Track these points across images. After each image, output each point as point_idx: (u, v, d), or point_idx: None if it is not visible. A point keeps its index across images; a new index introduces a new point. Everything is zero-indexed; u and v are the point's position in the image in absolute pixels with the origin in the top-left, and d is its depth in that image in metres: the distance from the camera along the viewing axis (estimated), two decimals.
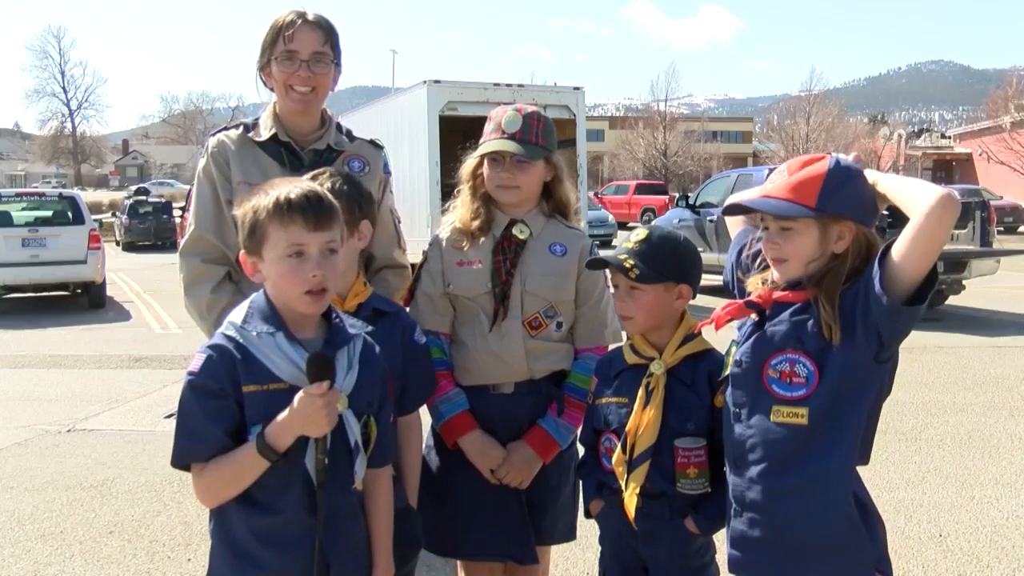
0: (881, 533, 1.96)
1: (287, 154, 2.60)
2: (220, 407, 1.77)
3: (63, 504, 4.71)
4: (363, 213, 2.33)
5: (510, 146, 2.48)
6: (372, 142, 2.78)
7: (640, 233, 2.32)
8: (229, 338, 1.81)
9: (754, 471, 1.95)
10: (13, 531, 4.41)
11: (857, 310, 1.84)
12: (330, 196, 1.89)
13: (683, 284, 2.27)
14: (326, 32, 2.57)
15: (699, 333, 2.30)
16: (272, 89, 2.61)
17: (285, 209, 1.78)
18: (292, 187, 1.84)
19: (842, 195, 1.89)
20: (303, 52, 2.52)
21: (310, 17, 2.56)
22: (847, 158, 1.96)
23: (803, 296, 1.93)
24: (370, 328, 2.01)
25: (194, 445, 1.78)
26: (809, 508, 1.89)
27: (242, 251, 1.86)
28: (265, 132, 2.61)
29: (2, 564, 4.03)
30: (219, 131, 2.72)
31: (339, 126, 2.72)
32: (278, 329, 1.81)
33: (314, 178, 2.23)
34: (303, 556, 1.81)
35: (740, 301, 2.05)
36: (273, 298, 1.85)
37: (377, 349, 2.00)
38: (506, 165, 2.50)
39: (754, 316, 2.02)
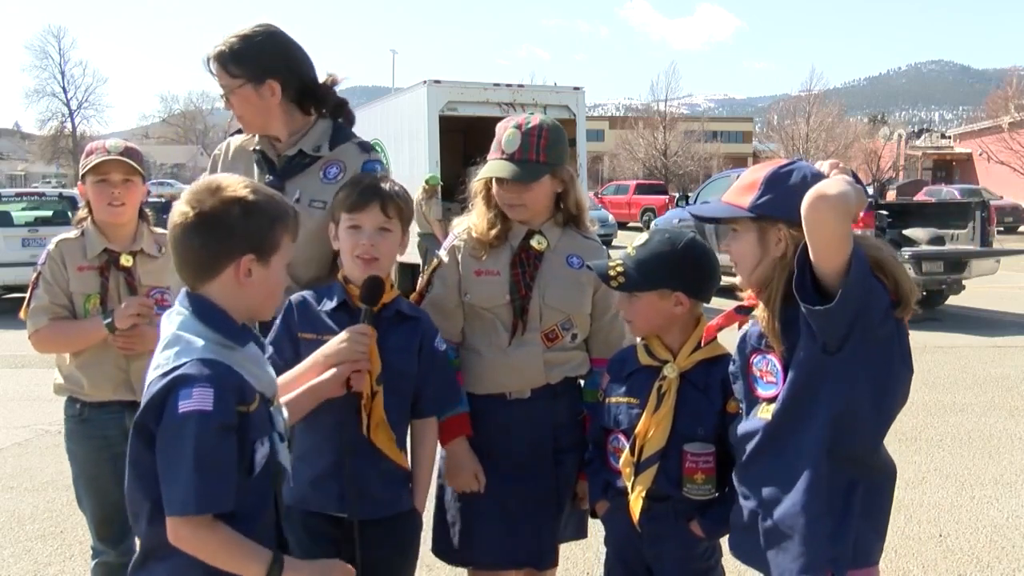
0: (859, 534, 1.92)
1: (263, 160, 2.66)
2: (235, 445, 1.66)
3: (63, 504, 4.70)
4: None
5: (507, 170, 2.44)
6: (360, 144, 2.69)
7: (641, 238, 2.32)
8: (214, 363, 1.66)
9: (740, 462, 2.03)
10: (13, 531, 4.42)
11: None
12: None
13: (679, 291, 2.24)
14: (222, 66, 2.54)
15: (714, 338, 2.28)
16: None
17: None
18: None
19: (775, 197, 1.91)
20: (221, 89, 2.57)
21: (212, 66, 2.55)
22: (818, 165, 1.93)
23: None
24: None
25: (224, 489, 1.62)
26: (773, 495, 1.92)
27: (250, 254, 1.74)
28: (253, 140, 2.71)
29: (2, 564, 4.03)
30: (234, 133, 2.82)
31: (336, 129, 2.66)
32: (248, 341, 1.78)
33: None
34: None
35: (731, 309, 2.08)
36: (237, 306, 1.76)
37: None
38: (508, 185, 2.48)
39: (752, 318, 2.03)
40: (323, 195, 2.53)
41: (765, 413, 1.94)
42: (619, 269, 2.26)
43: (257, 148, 2.66)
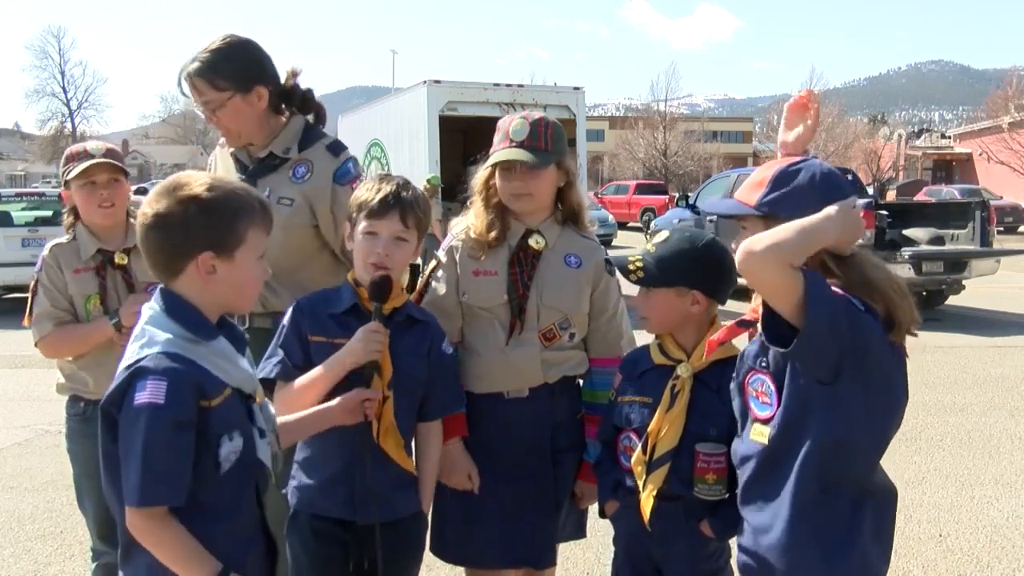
0: (869, 559, 1.91)
1: (237, 162, 2.79)
2: (191, 440, 1.65)
3: (63, 504, 4.69)
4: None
5: (520, 155, 2.45)
6: (329, 146, 2.75)
7: (662, 235, 2.32)
8: (175, 356, 1.67)
9: (741, 483, 1.98)
10: (13, 531, 4.42)
11: None
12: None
13: (696, 290, 2.25)
14: (208, 81, 2.59)
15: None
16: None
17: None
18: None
19: (782, 195, 1.89)
20: (202, 110, 2.65)
21: (195, 83, 2.60)
22: (831, 167, 1.93)
23: None
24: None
25: (172, 483, 1.62)
26: (765, 523, 1.88)
27: (208, 252, 1.73)
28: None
29: (2, 564, 4.03)
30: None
31: (307, 130, 2.75)
32: (217, 335, 1.76)
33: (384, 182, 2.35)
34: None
35: (733, 323, 2.06)
36: (206, 302, 1.76)
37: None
38: (517, 174, 2.48)
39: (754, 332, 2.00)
40: (291, 192, 2.67)
41: (758, 436, 1.90)
42: (638, 264, 2.27)
43: (231, 151, 2.78)
